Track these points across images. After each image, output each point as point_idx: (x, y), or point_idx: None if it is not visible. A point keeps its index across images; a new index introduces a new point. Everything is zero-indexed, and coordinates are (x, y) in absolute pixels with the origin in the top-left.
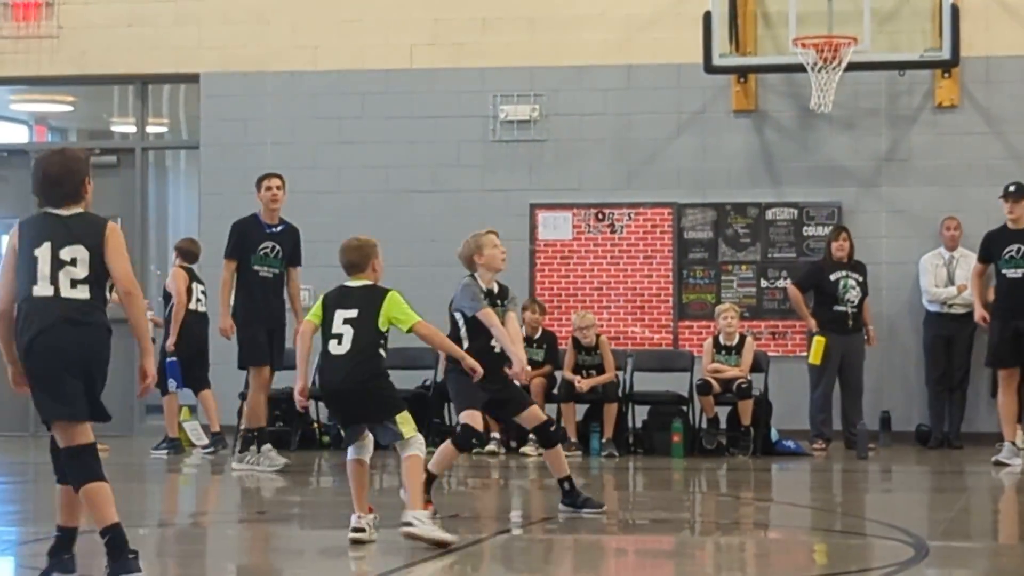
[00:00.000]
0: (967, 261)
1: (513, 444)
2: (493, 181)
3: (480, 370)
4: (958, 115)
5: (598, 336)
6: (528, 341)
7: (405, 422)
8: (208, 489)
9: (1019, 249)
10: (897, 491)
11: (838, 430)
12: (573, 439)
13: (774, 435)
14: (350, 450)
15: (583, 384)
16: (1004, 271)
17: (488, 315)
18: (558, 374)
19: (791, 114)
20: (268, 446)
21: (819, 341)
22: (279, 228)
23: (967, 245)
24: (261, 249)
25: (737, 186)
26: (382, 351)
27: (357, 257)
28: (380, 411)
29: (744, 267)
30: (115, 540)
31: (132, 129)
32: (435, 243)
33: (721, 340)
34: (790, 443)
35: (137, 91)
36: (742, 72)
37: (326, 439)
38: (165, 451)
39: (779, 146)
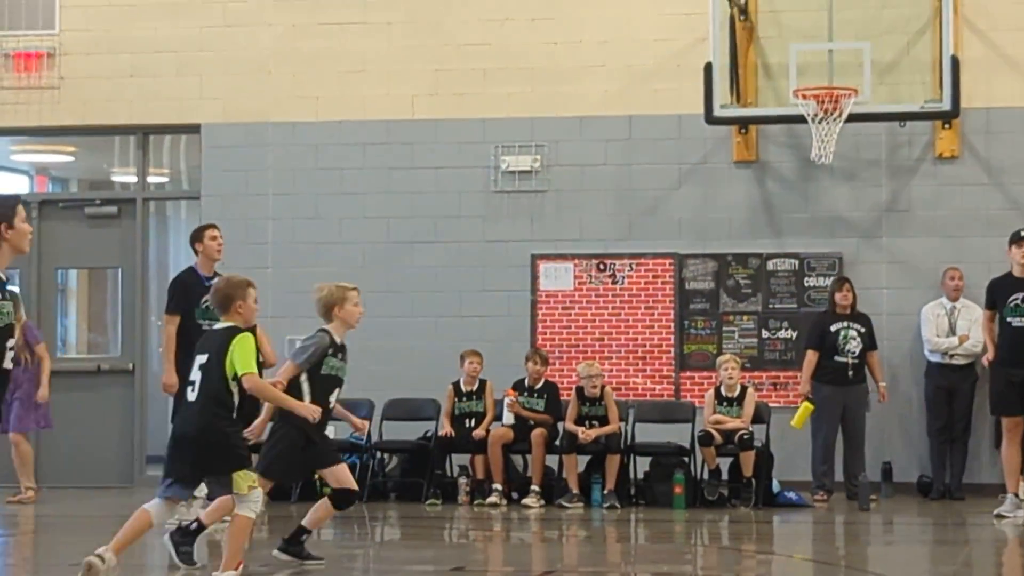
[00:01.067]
0: (969, 311)
1: (515, 495)
2: (495, 231)
3: (317, 413)
4: (958, 166)
5: (603, 387)
6: (529, 391)
7: (242, 478)
8: None
9: None
10: (899, 543)
11: (840, 481)
12: (575, 490)
13: (776, 486)
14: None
15: (588, 434)
16: (1009, 319)
17: (255, 382)
18: (560, 425)
19: (792, 165)
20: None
21: (806, 407)
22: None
23: (968, 295)
24: (204, 302)
25: (738, 236)
26: (232, 398)
27: (219, 299)
28: (219, 463)
29: (745, 318)
30: None
31: (133, 179)
32: (437, 294)
33: (723, 391)
34: (792, 494)
35: (138, 141)
36: (743, 123)
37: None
38: None
39: (780, 197)
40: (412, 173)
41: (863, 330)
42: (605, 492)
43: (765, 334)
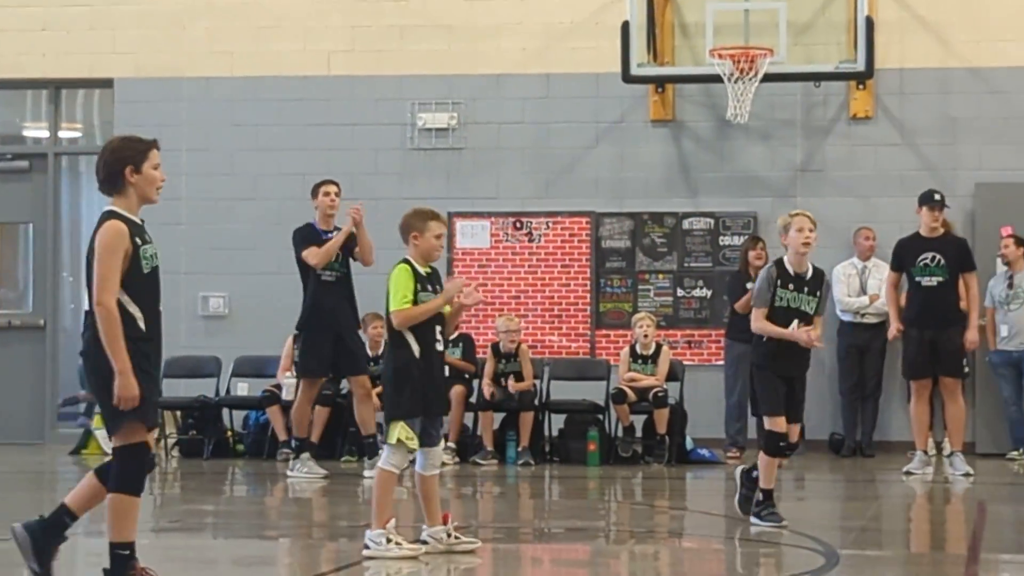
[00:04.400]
0: (880, 271)
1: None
2: (411, 189)
3: None
4: (872, 126)
5: (519, 344)
6: (443, 341)
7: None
8: None
9: (934, 257)
10: (810, 499)
11: (753, 438)
12: (490, 448)
13: (689, 444)
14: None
15: (514, 387)
16: (918, 279)
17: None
18: (475, 383)
19: (708, 124)
20: (307, 455)
21: None
22: (334, 233)
23: (880, 255)
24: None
25: (654, 195)
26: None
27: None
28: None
29: (661, 276)
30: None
31: (45, 134)
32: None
33: (637, 349)
34: (705, 452)
35: (50, 96)
36: (660, 82)
37: (240, 447)
38: None
39: (696, 156)
40: (328, 130)
41: None
42: (519, 449)
43: (680, 292)
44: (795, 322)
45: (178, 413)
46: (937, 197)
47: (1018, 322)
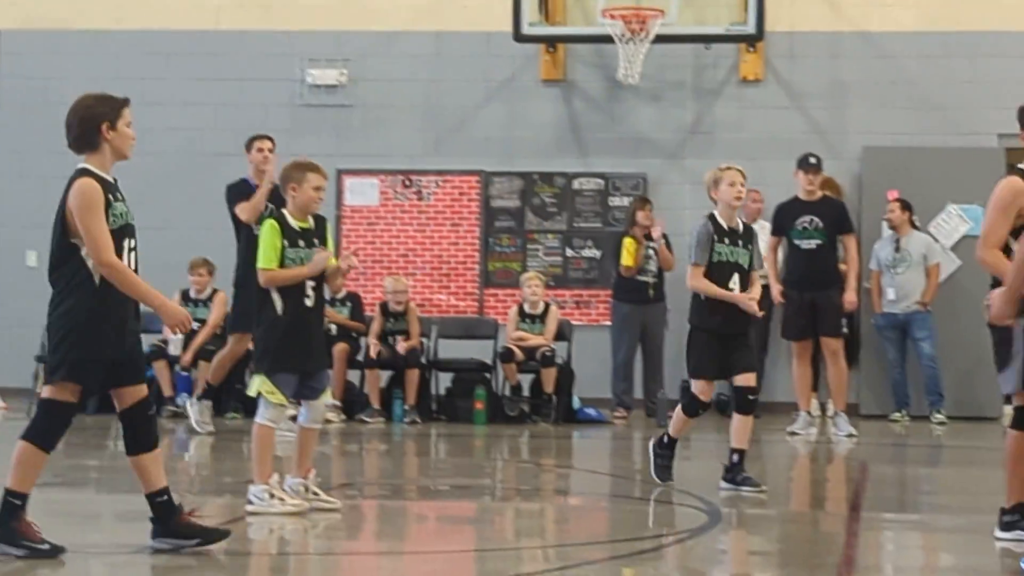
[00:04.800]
0: (766, 232)
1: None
2: (300, 146)
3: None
4: (762, 89)
5: (407, 303)
6: (331, 301)
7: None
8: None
9: (812, 220)
10: (695, 459)
11: (639, 399)
12: (376, 406)
13: (576, 403)
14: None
15: (401, 346)
16: (797, 242)
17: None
18: (362, 340)
19: (599, 85)
20: (209, 403)
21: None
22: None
23: (767, 217)
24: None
25: (544, 155)
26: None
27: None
28: None
29: (550, 236)
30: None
31: None
32: None
33: (526, 308)
34: (592, 411)
35: None
36: (551, 41)
37: None
38: None
39: (586, 116)
40: (216, 85)
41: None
42: (406, 407)
43: (569, 252)
44: (735, 276)
45: None
46: (812, 160)
47: (904, 285)
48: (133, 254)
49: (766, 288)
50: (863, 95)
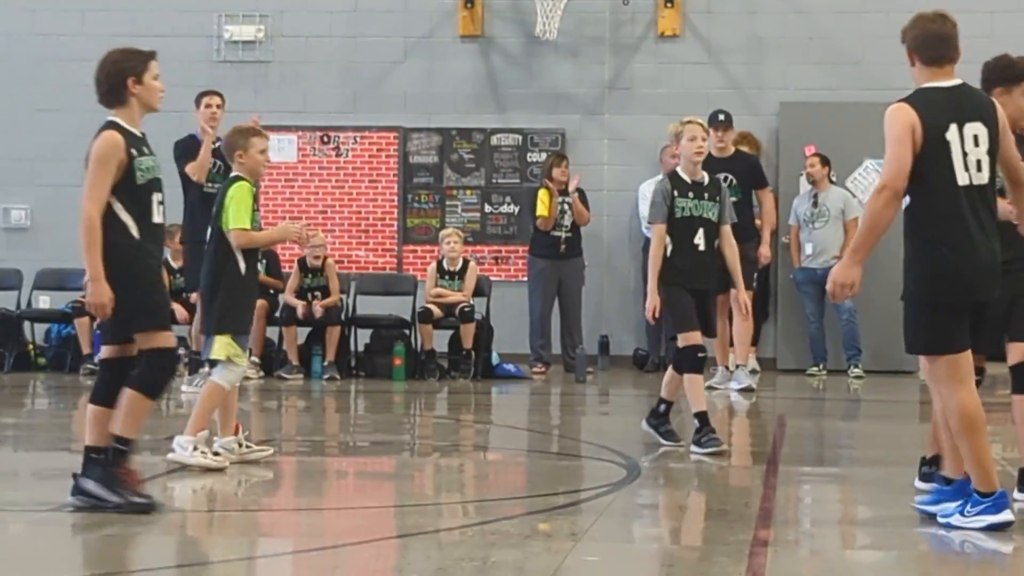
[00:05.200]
0: None
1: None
2: None
3: None
4: (679, 45)
5: (325, 259)
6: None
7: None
8: None
9: (726, 177)
10: (613, 414)
11: (558, 354)
12: (295, 362)
13: (495, 359)
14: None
15: (317, 307)
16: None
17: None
18: (280, 297)
19: (517, 40)
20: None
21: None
22: (216, 145)
23: None
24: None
25: (463, 111)
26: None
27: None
28: None
29: (469, 192)
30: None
31: None
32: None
33: (444, 265)
34: (510, 367)
35: None
36: None
37: (41, 360)
38: None
39: (505, 72)
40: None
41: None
42: (325, 364)
43: (488, 208)
44: (700, 231)
45: None
46: (721, 117)
47: (822, 240)
48: (161, 207)
49: None
50: (780, 50)
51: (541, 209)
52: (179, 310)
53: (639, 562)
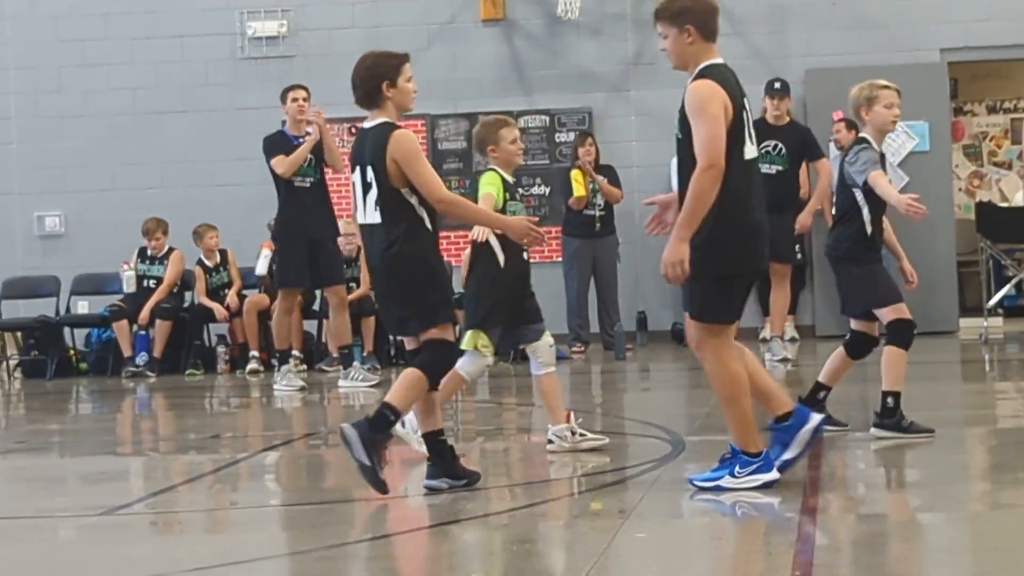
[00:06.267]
0: None
1: (274, 362)
2: (244, 99)
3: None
4: None
5: (358, 248)
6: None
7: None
8: None
9: (776, 146)
10: (655, 389)
11: (596, 332)
12: (335, 354)
13: None
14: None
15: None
16: (759, 165)
17: None
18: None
19: (539, 22)
20: (287, 367)
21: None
22: (305, 139)
23: None
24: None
25: (489, 95)
26: None
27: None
28: None
29: None
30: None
31: None
32: (187, 164)
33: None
34: None
35: None
36: None
37: (83, 366)
38: None
39: (528, 54)
40: (156, 43)
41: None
42: (365, 354)
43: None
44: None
45: (19, 334)
46: (777, 86)
47: None
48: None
49: None
50: (803, 17)
51: (577, 189)
52: (218, 309)
53: (688, 536)
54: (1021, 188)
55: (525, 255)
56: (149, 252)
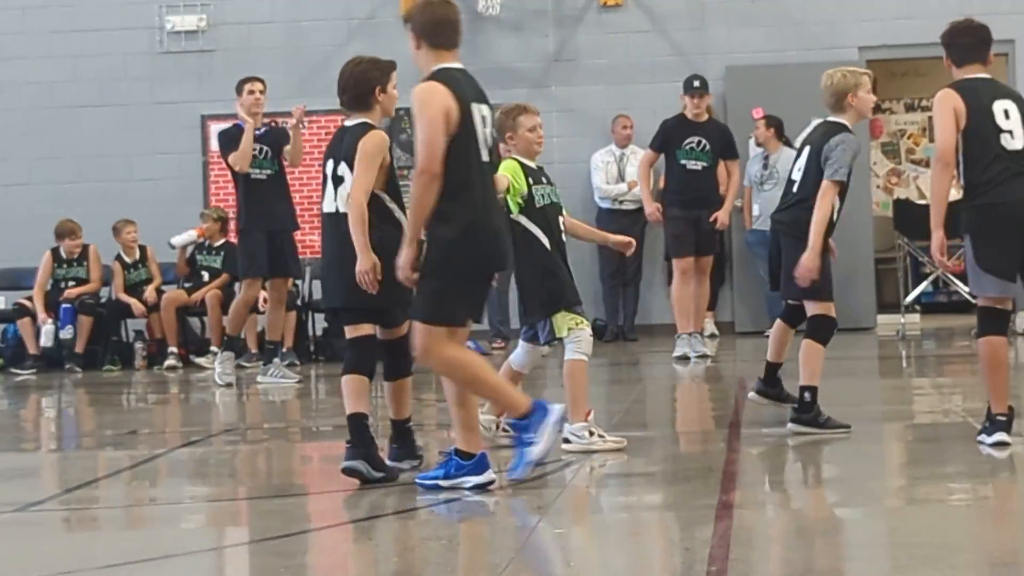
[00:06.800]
0: (637, 157)
1: (193, 357)
2: (162, 93)
3: None
4: (623, 14)
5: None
6: (209, 249)
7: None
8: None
9: (700, 142)
10: None
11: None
12: (254, 350)
13: None
14: None
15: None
16: (683, 162)
17: None
18: (236, 285)
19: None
20: (278, 360)
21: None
22: (262, 131)
23: (637, 142)
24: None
25: (409, 91)
26: None
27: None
28: None
29: None
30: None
31: None
32: (105, 158)
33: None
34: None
35: None
36: None
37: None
38: None
39: None
40: (74, 36)
41: None
42: (284, 350)
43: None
44: None
45: None
46: (696, 84)
47: (772, 202)
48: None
49: (640, 211)
50: (723, 14)
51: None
52: (135, 305)
53: (606, 531)
54: None
55: (564, 236)
56: (63, 254)
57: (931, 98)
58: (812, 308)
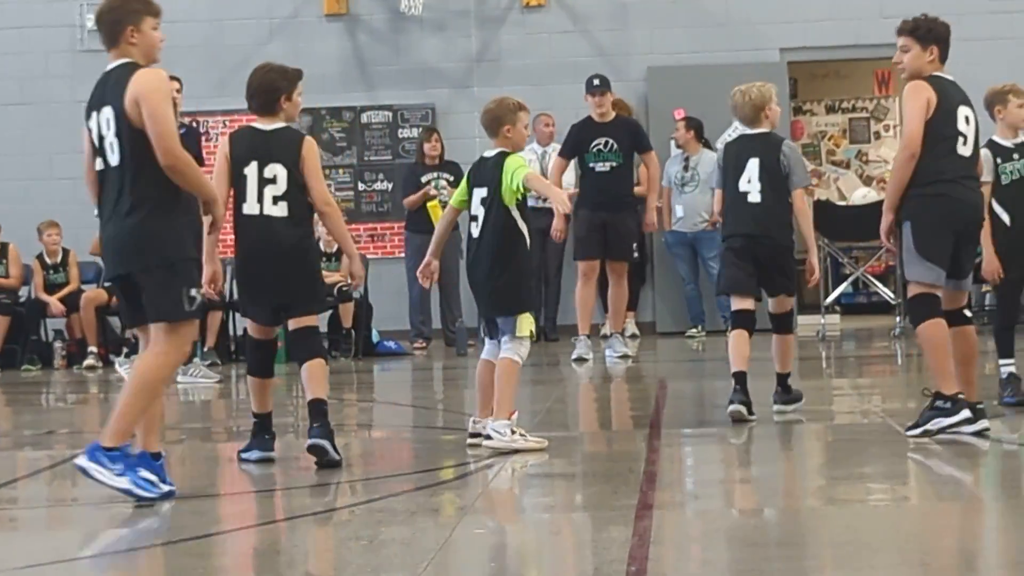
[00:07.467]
0: None
1: (112, 357)
2: (84, 91)
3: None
4: (545, 14)
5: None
6: None
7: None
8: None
9: (607, 143)
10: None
11: (438, 329)
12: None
13: (375, 336)
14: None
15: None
16: (592, 164)
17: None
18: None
19: (382, 17)
20: (197, 359)
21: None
22: (182, 131)
23: (559, 140)
24: None
25: (331, 90)
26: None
27: (487, 120)
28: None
29: (341, 171)
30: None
31: None
32: (25, 156)
33: (321, 246)
34: (391, 344)
35: None
36: None
37: None
38: None
39: (372, 49)
40: None
41: (452, 179)
42: (205, 350)
43: (361, 187)
44: None
45: None
46: (596, 82)
47: (692, 203)
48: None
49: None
50: (645, 15)
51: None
52: (54, 303)
53: (526, 531)
54: (859, 187)
55: None
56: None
57: (851, 100)
58: (788, 304)
